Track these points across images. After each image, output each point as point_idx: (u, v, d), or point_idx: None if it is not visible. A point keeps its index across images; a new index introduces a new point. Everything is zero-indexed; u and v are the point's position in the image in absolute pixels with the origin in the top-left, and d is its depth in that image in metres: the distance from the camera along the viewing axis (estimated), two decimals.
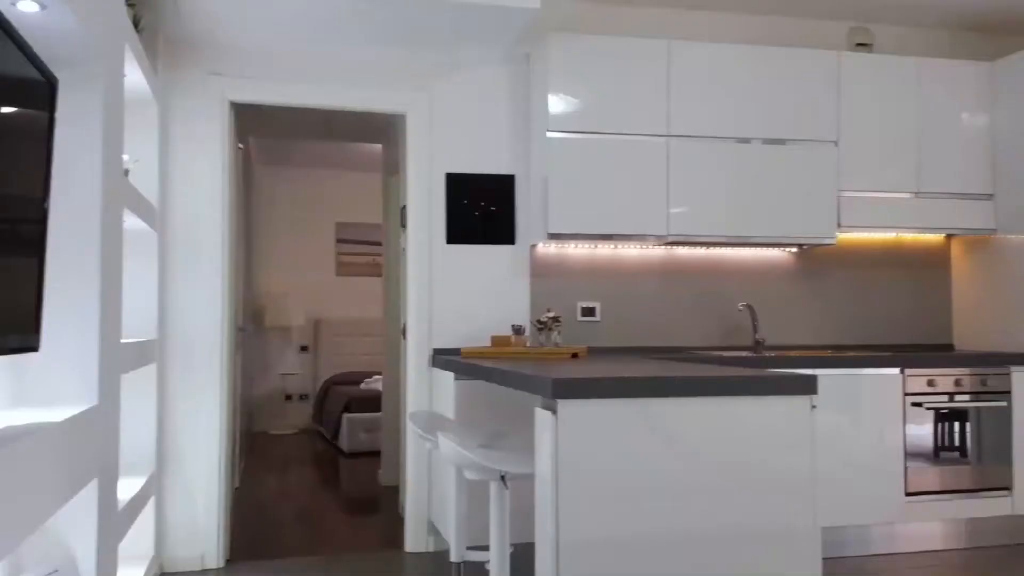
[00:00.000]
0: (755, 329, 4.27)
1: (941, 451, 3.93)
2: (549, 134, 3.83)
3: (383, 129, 5.50)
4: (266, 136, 6.97)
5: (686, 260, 4.31)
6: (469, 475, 2.50)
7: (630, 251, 4.24)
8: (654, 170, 3.92)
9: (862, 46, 4.43)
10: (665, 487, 2.26)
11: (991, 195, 4.26)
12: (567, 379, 2.23)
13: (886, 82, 4.18)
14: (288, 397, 8.70)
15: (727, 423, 2.33)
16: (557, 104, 3.84)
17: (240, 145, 5.59)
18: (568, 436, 2.21)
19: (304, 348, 8.86)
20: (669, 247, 4.25)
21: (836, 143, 4.11)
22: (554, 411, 2.22)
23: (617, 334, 4.21)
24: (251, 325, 7.87)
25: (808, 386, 2.40)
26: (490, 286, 4.06)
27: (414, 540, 4.00)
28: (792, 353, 4.05)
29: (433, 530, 3.98)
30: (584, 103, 3.86)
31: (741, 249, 4.34)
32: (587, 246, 4.17)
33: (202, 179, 3.82)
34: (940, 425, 3.93)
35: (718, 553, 2.29)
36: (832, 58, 4.13)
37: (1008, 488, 3.97)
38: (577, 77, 3.85)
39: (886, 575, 3.59)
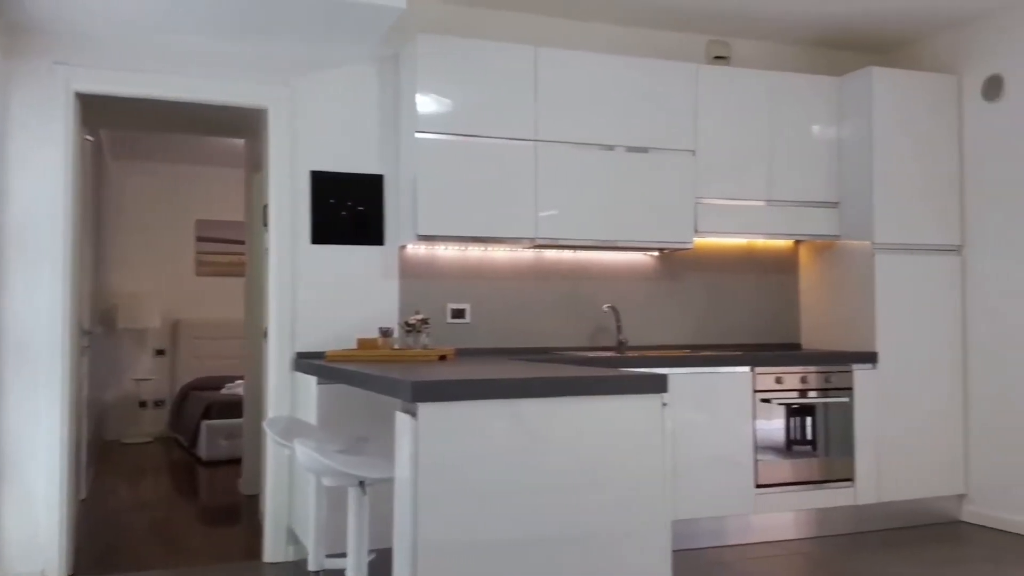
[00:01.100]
0: (619, 330, 4.38)
1: (792, 445, 4.15)
2: (417, 135, 3.79)
3: (246, 123, 5.30)
4: (120, 128, 6.58)
5: (554, 263, 4.38)
6: (327, 482, 2.44)
7: (500, 253, 4.27)
8: (523, 174, 3.96)
9: (720, 59, 4.63)
10: (525, 488, 2.27)
11: (837, 203, 4.55)
12: (427, 381, 2.21)
13: (741, 94, 4.39)
14: (142, 404, 8.25)
15: (583, 422, 2.36)
16: (425, 105, 3.81)
17: (90, 138, 5.26)
18: (428, 439, 2.19)
19: (160, 352, 8.43)
20: (538, 250, 4.31)
21: (694, 152, 4.28)
22: (414, 414, 2.19)
23: (487, 335, 4.22)
24: (101, 327, 7.43)
25: (659, 385, 2.47)
26: (357, 287, 3.99)
27: (273, 550, 3.87)
28: (652, 353, 4.19)
29: (294, 539, 3.87)
30: (453, 105, 3.85)
31: (606, 252, 4.45)
32: (457, 248, 4.16)
33: (44, 173, 3.57)
34: (789, 420, 4.16)
35: (575, 551, 2.32)
36: (691, 70, 4.29)
37: (851, 479, 4.24)
38: (446, 79, 3.84)
39: (738, 565, 3.76)
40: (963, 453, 4.48)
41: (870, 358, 4.31)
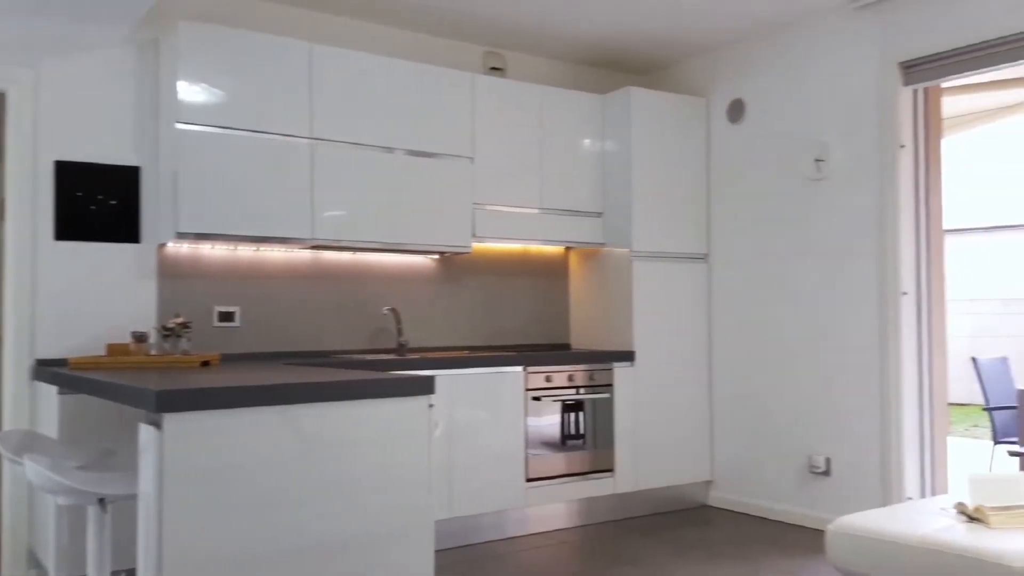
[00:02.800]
0: (399, 332, 4.39)
1: (563, 440, 4.36)
2: (179, 126, 3.59)
3: None
4: None
5: (333, 264, 4.31)
6: (61, 500, 2.25)
7: (274, 254, 4.13)
8: (298, 172, 3.86)
9: (496, 70, 4.77)
10: (284, 498, 2.22)
11: (601, 213, 4.83)
12: (173, 390, 2.10)
13: (515, 105, 4.55)
14: None
15: (349, 427, 2.35)
16: (188, 96, 3.61)
17: None
18: (175, 452, 2.07)
19: None
20: (315, 251, 4.22)
21: (472, 159, 4.38)
22: (159, 425, 2.07)
23: (258, 340, 4.07)
24: None
25: (426, 387, 2.51)
26: (109, 288, 3.70)
27: (11, 574, 3.50)
28: (432, 355, 4.24)
29: (35, 562, 3.52)
30: (220, 97, 3.68)
31: (387, 254, 4.44)
32: (225, 247, 3.97)
33: None
34: (558, 416, 4.36)
35: (337, 558, 2.30)
36: (468, 79, 4.39)
37: (611, 470, 4.52)
38: (212, 69, 3.66)
39: (509, 557, 3.90)
40: (709, 442, 4.92)
41: (628, 356, 4.62)
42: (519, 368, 4.23)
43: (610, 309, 4.81)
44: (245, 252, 4.05)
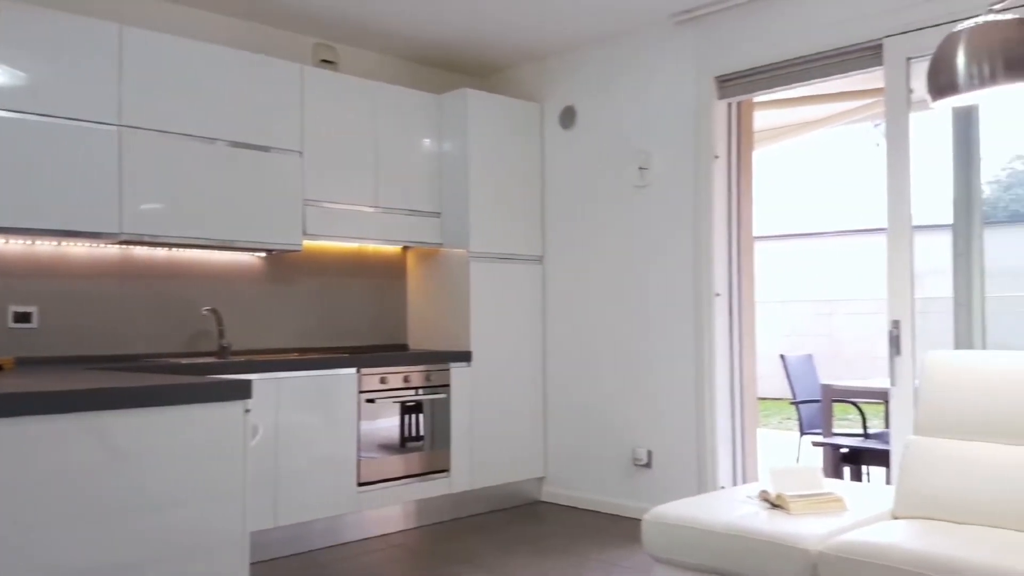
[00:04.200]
0: (221, 334, 4.18)
1: (402, 441, 4.32)
2: None
3: None
4: None
5: (146, 261, 4.05)
6: None
7: (78, 249, 3.83)
8: (104, 161, 3.59)
9: (327, 63, 4.65)
10: (83, 513, 2.04)
11: (439, 213, 4.82)
12: None
13: (348, 100, 4.45)
14: None
15: (155, 435, 2.20)
16: None
17: None
18: None
19: None
20: (125, 246, 3.94)
21: (301, 153, 4.24)
22: None
23: (60, 342, 3.75)
24: None
25: (241, 391, 2.39)
26: None
27: None
28: (259, 357, 4.07)
29: None
30: (16, 79, 3.36)
31: (207, 252, 4.22)
32: (22, 241, 3.64)
33: None
34: (395, 418, 4.31)
35: None
36: (296, 71, 4.25)
37: (447, 470, 4.51)
38: (5, 49, 3.33)
39: (336, 564, 3.80)
40: (543, 439, 5.02)
41: (465, 357, 4.63)
42: (352, 370, 4.14)
43: (447, 309, 4.80)
44: (44, 247, 3.73)
